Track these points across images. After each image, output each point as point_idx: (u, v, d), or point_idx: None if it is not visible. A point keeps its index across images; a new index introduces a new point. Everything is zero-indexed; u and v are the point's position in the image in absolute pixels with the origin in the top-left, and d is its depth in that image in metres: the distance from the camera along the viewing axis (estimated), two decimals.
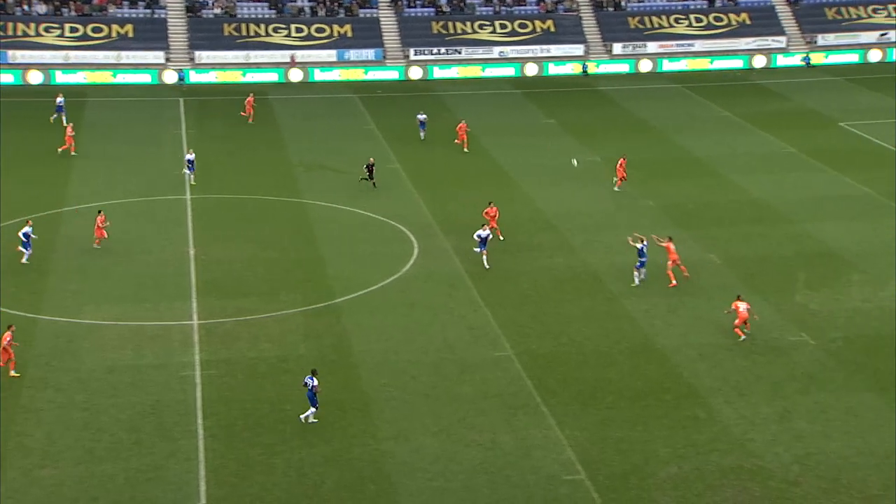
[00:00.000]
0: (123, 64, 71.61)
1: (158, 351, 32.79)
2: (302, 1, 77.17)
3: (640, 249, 37.11)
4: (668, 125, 60.50)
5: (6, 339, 30.80)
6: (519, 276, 38.32)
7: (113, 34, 72.99)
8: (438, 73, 73.72)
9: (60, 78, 69.56)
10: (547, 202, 46.68)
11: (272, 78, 71.87)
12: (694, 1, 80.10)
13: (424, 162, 53.04)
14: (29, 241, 38.71)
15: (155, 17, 75.15)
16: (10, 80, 68.49)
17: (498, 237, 40.89)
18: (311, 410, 28.43)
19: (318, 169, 52.44)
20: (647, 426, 28.53)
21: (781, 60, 76.88)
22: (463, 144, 54.41)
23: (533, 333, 34.01)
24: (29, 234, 38.77)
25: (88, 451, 27.28)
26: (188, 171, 48.85)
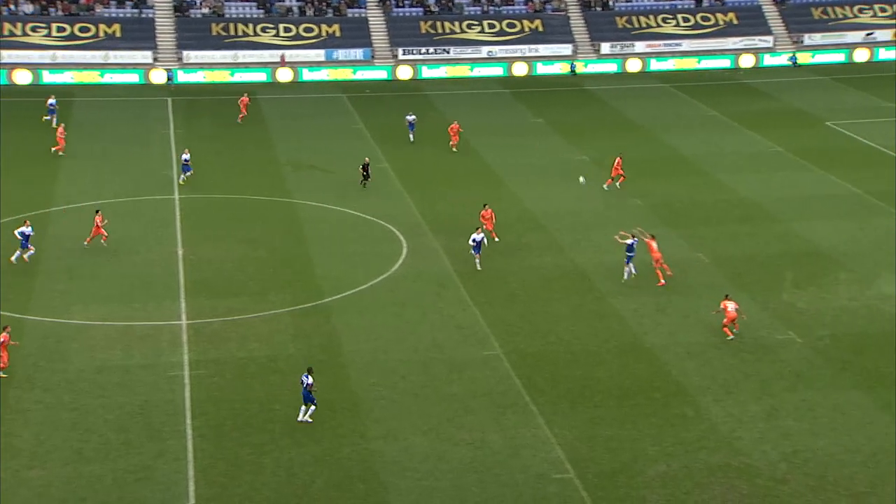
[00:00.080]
0: (111, 64, 71.39)
1: (147, 351, 32.74)
2: (290, 1, 77.10)
3: (629, 245, 37.30)
4: (655, 124, 60.67)
5: (5, 338, 30.75)
6: (508, 275, 38.39)
7: (100, 34, 72.77)
8: (427, 72, 73.74)
9: (47, 78, 69.31)
10: (535, 202, 46.77)
11: (260, 78, 71.76)
12: (681, 1, 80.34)
13: (413, 161, 53.07)
14: (27, 240, 38.54)
15: (142, 16, 74.95)
16: None
17: (493, 239, 40.80)
18: (311, 409, 28.45)
19: (306, 168, 52.42)
20: (635, 424, 28.63)
21: (768, 60, 77.19)
22: (454, 144, 54.36)
23: (522, 332, 34.09)
24: (25, 233, 38.54)
25: (77, 451, 27.23)
26: (184, 171, 48.63)
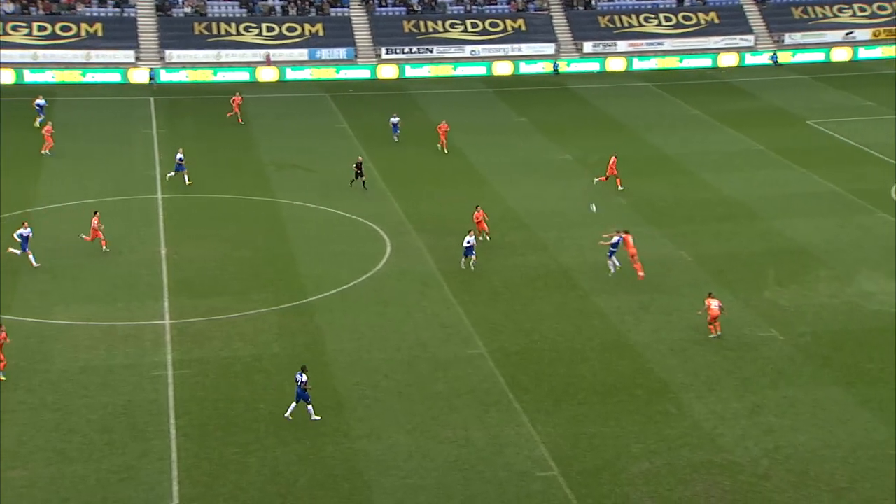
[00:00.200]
0: (93, 63, 71.11)
1: (130, 351, 32.66)
2: (273, 0, 76.95)
3: (614, 242, 37.56)
4: (638, 123, 60.90)
5: (3, 336, 30.67)
6: (491, 273, 38.48)
7: (82, 33, 72.48)
8: (410, 71, 73.76)
9: (29, 77, 68.94)
10: (519, 200, 46.88)
11: (243, 77, 71.62)
12: (663, 0, 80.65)
13: (397, 160, 53.09)
14: (27, 242, 38.29)
15: (124, 15, 74.67)
16: None
17: (486, 237, 40.64)
18: (309, 407, 28.45)
19: (289, 168, 52.37)
20: (619, 422, 28.77)
21: (749, 59, 77.59)
22: (443, 145, 54.26)
23: (505, 331, 34.18)
24: (23, 234, 38.26)
25: (59, 452, 27.14)
26: (177, 170, 48.38)
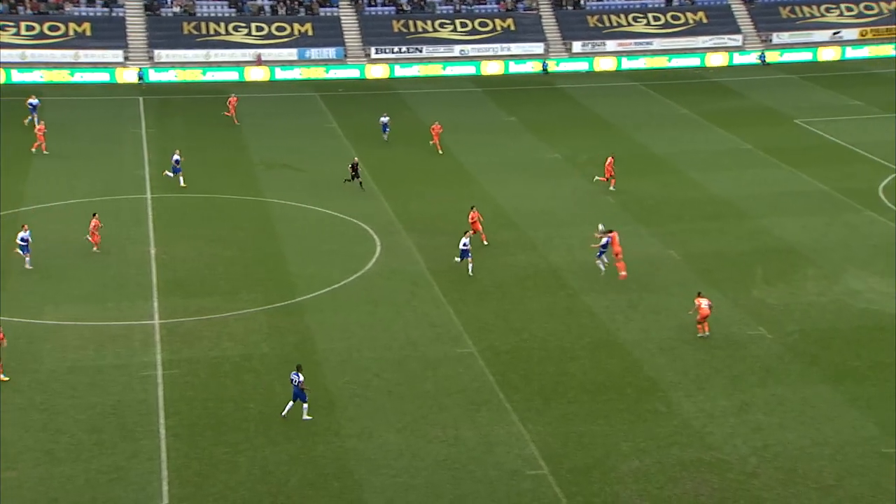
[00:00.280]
0: (81, 63, 70.93)
1: (119, 351, 32.60)
2: (262, 0, 77.00)
3: (603, 243, 37.69)
4: (627, 123, 61.06)
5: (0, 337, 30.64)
6: (481, 273, 38.50)
7: (70, 33, 72.29)
8: (399, 71, 73.79)
9: (16, 77, 68.71)
10: (508, 199, 46.95)
11: (232, 77, 71.54)
12: (652, 0, 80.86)
13: (386, 160, 53.10)
14: (27, 245, 38.14)
15: (113, 15, 74.49)
16: None
17: (482, 241, 40.59)
18: (304, 406, 28.48)
19: (279, 167, 52.34)
20: (608, 420, 28.85)
21: (738, 59, 77.86)
22: (436, 146, 54.16)
23: (495, 330, 34.24)
24: (24, 238, 38.11)
25: (48, 452, 27.08)
26: (173, 172, 48.28)
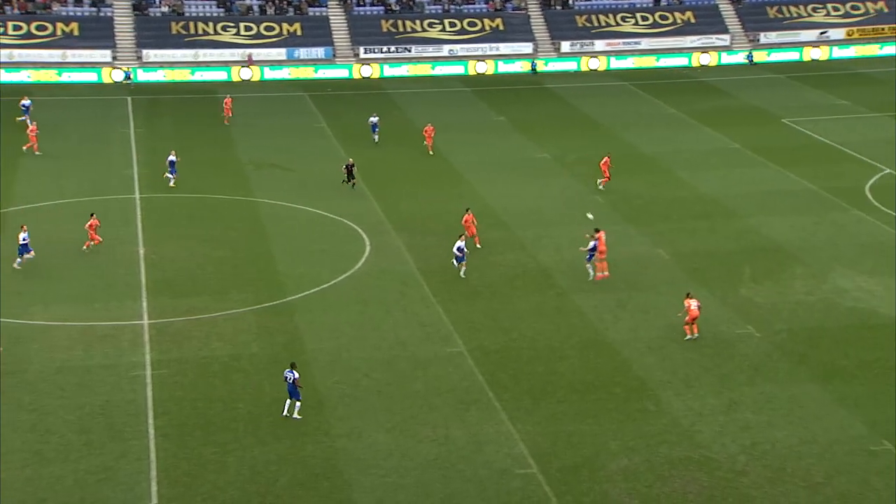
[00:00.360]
0: (69, 62, 70.70)
1: (108, 351, 32.53)
2: None
3: (591, 246, 37.70)
4: (615, 122, 61.18)
5: None
6: (470, 272, 38.51)
7: (58, 32, 72.04)
8: (388, 71, 73.77)
9: (4, 77, 68.39)
10: (497, 199, 46.99)
11: (221, 77, 71.42)
12: (640, 0, 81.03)
13: (376, 160, 53.07)
14: (26, 245, 37.96)
15: (101, 15, 74.26)
16: None
17: (475, 244, 40.34)
18: (296, 405, 28.47)
19: (268, 167, 52.28)
20: (597, 419, 28.92)
21: (725, 58, 78.10)
22: (429, 147, 54.06)
23: (484, 329, 34.28)
24: (25, 238, 37.97)
25: (36, 452, 27.01)
26: (170, 173, 48.15)
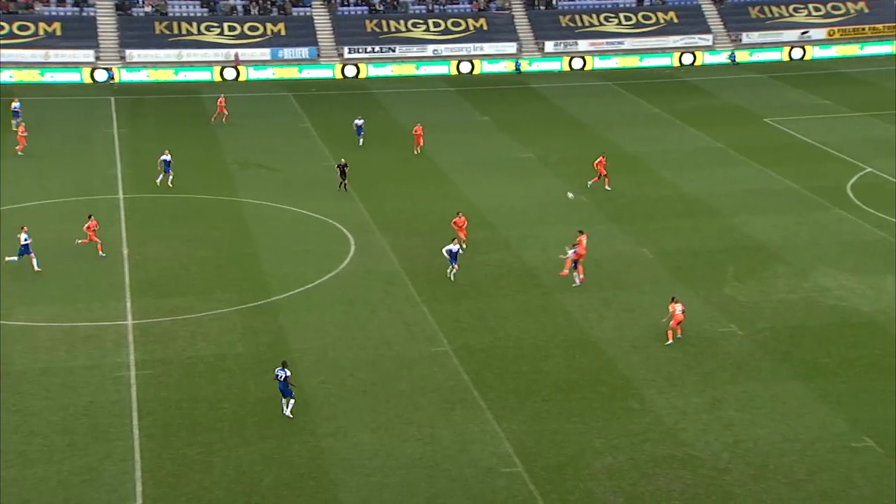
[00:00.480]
0: (52, 62, 70.36)
1: (92, 352, 32.43)
2: None
3: (571, 254, 37.71)
4: (599, 122, 61.37)
5: None
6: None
7: (40, 32, 71.68)
8: (373, 71, 73.75)
9: None
10: (482, 199, 47.07)
11: (205, 77, 71.24)
12: (623, 0, 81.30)
13: (361, 160, 53.00)
14: (27, 247, 37.75)
15: (84, 15, 73.94)
16: None
17: (461, 246, 40.09)
18: (290, 403, 28.50)
19: (253, 167, 52.20)
20: (582, 418, 29.04)
21: (708, 58, 78.44)
22: (418, 147, 54.01)
23: (470, 329, 34.35)
24: (26, 239, 37.75)
25: (20, 454, 26.90)
26: (164, 172, 47.85)
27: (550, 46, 77.67)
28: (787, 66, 77.62)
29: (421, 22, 76.84)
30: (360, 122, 56.29)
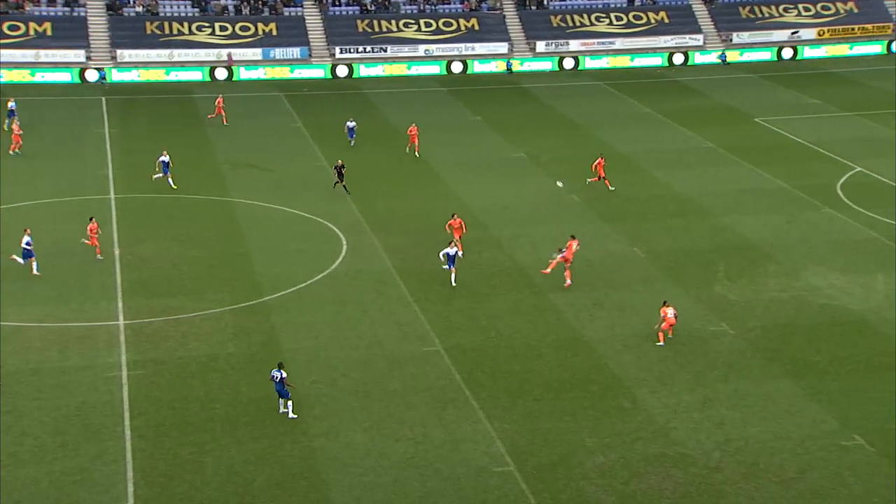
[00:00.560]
0: (42, 62, 70.21)
1: (84, 352, 32.39)
2: None
3: (558, 259, 37.76)
4: (590, 122, 61.48)
5: None
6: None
7: (31, 32, 71.51)
8: (364, 71, 73.77)
9: None
10: (474, 198, 47.13)
11: (196, 77, 71.16)
12: (614, 0, 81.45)
13: (353, 160, 52.96)
14: (30, 250, 37.60)
15: (74, 14, 73.78)
16: None
17: (456, 250, 39.92)
18: (289, 404, 28.52)
19: (244, 167, 52.18)
20: (574, 417, 29.10)
21: (699, 58, 78.65)
22: (414, 148, 53.88)
23: (461, 328, 34.40)
24: (29, 242, 37.64)
25: (11, 454, 26.86)
26: (163, 173, 47.78)
27: (542, 46, 77.78)
28: (777, 66, 77.86)
29: (412, 22, 76.88)
30: (351, 124, 56.19)
